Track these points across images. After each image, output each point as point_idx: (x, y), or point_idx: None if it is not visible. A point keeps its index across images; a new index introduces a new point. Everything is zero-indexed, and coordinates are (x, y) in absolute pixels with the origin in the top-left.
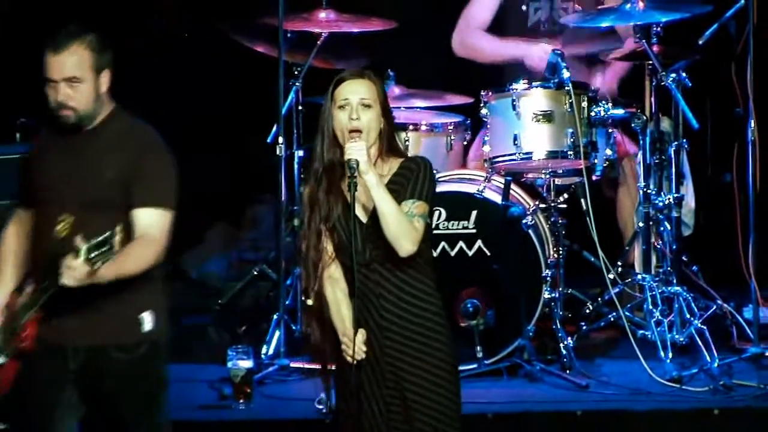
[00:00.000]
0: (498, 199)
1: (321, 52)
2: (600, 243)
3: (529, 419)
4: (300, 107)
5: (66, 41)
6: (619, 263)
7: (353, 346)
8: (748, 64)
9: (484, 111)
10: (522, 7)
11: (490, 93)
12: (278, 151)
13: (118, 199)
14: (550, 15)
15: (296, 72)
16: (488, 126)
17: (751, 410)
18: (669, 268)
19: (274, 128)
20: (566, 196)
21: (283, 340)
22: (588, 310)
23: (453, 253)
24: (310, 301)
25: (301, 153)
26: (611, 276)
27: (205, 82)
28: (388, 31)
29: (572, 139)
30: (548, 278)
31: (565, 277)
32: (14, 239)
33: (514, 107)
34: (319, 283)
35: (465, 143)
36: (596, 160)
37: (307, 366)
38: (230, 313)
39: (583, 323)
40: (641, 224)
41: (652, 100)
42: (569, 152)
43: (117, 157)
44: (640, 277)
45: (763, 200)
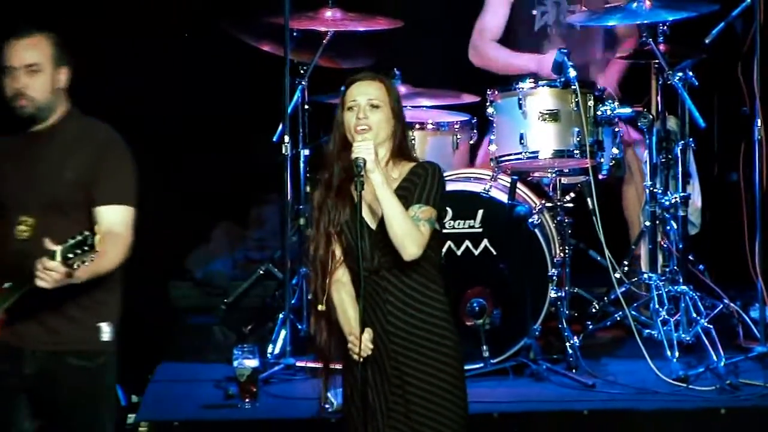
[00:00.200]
0: (504, 198)
1: (327, 51)
2: (606, 242)
3: (535, 419)
4: (306, 106)
5: (29, 31)
6: (626, 262)
7: (359, 344)
8: (755, 63)
9: (490, 110)
10: (531, 12)
11: (496, 92)
12: (284, 150)
13: (80, 198)
14: (557, 18)
15: (302, 71)
16: (494, 125)
17: (758, 409)
18: (675, 267)
19: (280, 127)
20: (572, 195)
21: (288, 340)
22: (594, 310)
23: (459, 252)
24: (321, 306)
25: (306, 152)
26: (617, 275)
27: (210, 81)
28: (394, 29)
29: (578, 138)
30: (554, 277)
31: (571, 277)
32: None
33: (521, 106)
34: (327, 286)
35: (471, 142)
36: (602, 159)
37: (312, 365)
38: (236, 312)
39: (590, 322)
40: (648, 223)
41: (659, 99)
42: (575, 151)
43: (76, 157)
44: (646, 276)
45: None
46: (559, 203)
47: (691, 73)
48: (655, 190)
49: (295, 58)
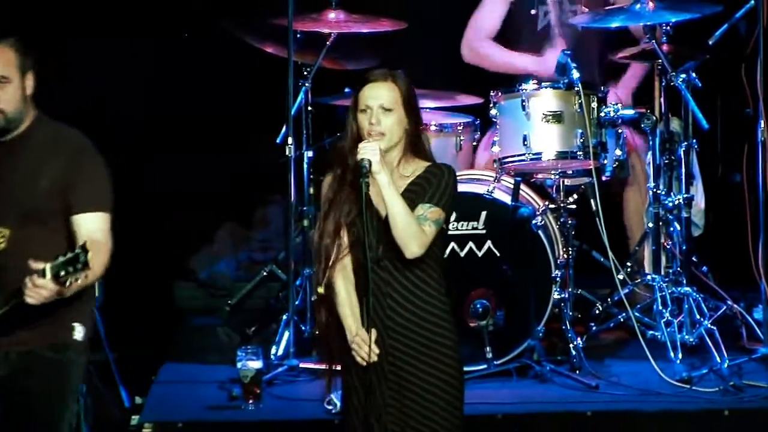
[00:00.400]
0: (508, 199)
1: (330, 53)
2: (609, 243)
3: (538, 420)
4: (309, 108)
5: None
6: (629, 264)
7: (365, 347)
8: (758, 65)
9: (493, 111)
10: (531, 12)
11: (500, 93)
12: (287, 152)
13: (56, 206)
14: (559, 18)
15: (305, 72)
16: (497, 126)
17: (762, 411)
18: (679, 268)
19: (284, 129)
20: (576, 196)
21: (292, 341)
22: (598, 311)
23: (463, 253)
24: (320, 289)
25: (310, 153)
26: (621, 276)
27: (214, 82)
28: (397, 31)
29: (582, 140)
30: (558, 279)
31: (574, 278)
32: None
33: (524, 107)
34: (330, 272)
35: (474, 143)
36: (606, 161)
37: (316, 367)
38: (240, 313)
39: (593, 324)
40: (651, 225)
41: (662, 100)
42: (579, 153)
43: (50, 165)
44: (649, 277)
45: None
46: (562, 205)
47: (694, 75)
48: (658, 192)
49: (298, 60)
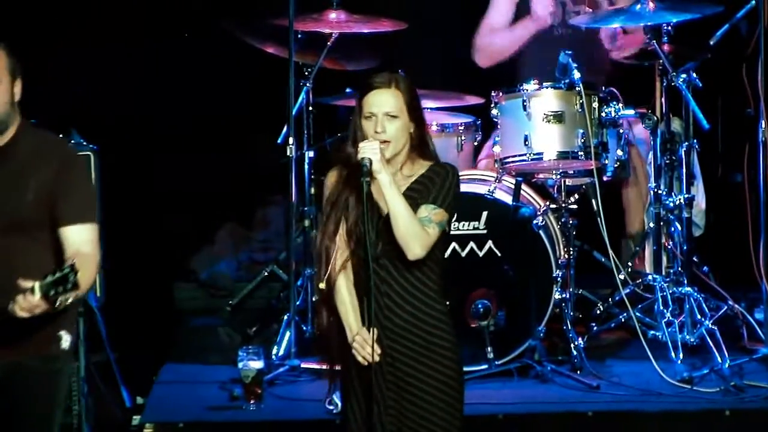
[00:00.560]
0: (509, 199)
1: (331, 53)
2: (611, 243)
3: (539, 420)
4: (310, 108)
5: None
6: (629, 264)
7: (366, 346)
8: (759, 65)
9: (494, 111)
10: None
11: (501, 93)
12: (288, 152)
13: (42, 217)
14: (563, 18)
15: (306, 73)
16: (498, 127)
17: (763, 411)
18: (680, 268)
19: (285, 129)
20: (577, 196)
21: (293, 341)
22: (599, 311)
23: (464, 253)
24: (321, 285)
25: (311, 153)
26: (622, 276)
27: (215, 82)
28: (398, 31)
29: (583, 140)
30: (559, 279)
31: (575, 278)
32: None
33: (525, 108)
34: (331, 268)
35: (476, 144)
36: (607, 161)
37: (317, 367)
38: (241, 313)
39: (594, 324)
40: (652, 225)
41: (663, 100)
42: (580, 153)
43: (36, 175)
44: (650, 277)
45: None
46: (563, 205)
47: (695, 75)
48: (659, 192)
49: (299, 60)
